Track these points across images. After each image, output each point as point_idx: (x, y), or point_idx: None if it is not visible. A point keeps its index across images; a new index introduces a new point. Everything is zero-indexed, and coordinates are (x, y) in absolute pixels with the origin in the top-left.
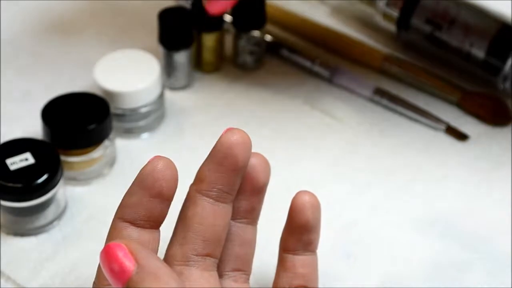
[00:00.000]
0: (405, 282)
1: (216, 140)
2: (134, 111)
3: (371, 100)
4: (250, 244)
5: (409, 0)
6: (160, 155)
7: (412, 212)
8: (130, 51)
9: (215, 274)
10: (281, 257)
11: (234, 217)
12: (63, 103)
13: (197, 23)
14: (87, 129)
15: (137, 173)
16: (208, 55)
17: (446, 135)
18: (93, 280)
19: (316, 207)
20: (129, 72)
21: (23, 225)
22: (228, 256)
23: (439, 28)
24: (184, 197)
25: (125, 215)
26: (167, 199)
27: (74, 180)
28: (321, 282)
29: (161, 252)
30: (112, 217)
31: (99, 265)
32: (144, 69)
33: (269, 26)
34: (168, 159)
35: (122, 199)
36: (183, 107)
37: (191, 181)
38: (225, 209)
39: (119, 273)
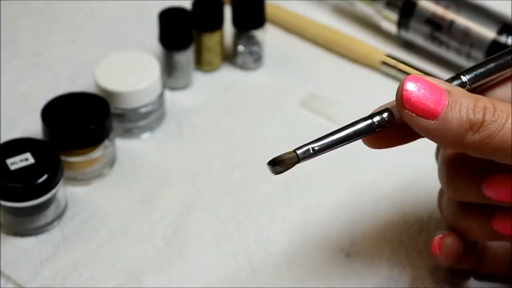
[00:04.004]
0: (405, 282)
1: (216, 140)
2: (134, 111)
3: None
4: None
5: (409, 0)
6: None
7: (412, 211)
8: (130, 51)
9: None
10: None
11: None
12: (63, 103)
13: (197, 23)
14: (87, 129)
15: (137, 173)
16: (208, 55)
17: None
18: (93, 280)
19: None
20: (129, 72)
21: (23, 225)
22: None
23: (439, 28)
24: (181, 196)
25: None
26: None
27: (74, 180)
28: (321, 282)
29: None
30: (112, 217)
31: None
32: (144, 69)
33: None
34: None
35: None
36: (183, 107)
37: (191, 180)
38: None
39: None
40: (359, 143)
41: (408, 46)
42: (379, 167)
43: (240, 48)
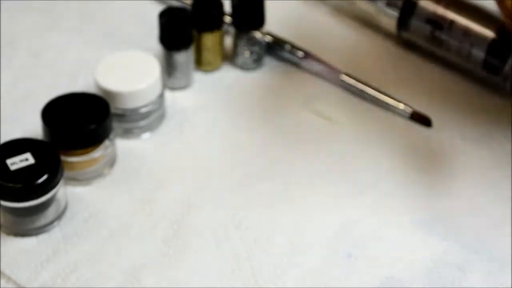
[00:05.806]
0: (405, 282)
1: (216, 140)
2: (134, 111)
3: (341, 86)
4: None
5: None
6: None
7: (412, 212)
8: (130, 51)
9: None
10: None
11: None
12: (63, 103)
13: (197, 23)
14: (87, 129)
15: (137, 173)
16: (208, 55)
17: (411, 121)
18: (93, 280)
19: None
20: (129, 72)
21: (24, 225)
22: None
23: (439, 28)
24: (181, 197)
25: None
26: None
27: (75, 180)
28: (321, 282)
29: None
30: (112, 217)
31: None
32: (144, 69)
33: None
34: None
35: None
36: (183, 107)
37: (191, 180)
38: None
39: None
40: (357, 144)
41: (408, 45)
42: (379, 167)
43: (247, 54)
